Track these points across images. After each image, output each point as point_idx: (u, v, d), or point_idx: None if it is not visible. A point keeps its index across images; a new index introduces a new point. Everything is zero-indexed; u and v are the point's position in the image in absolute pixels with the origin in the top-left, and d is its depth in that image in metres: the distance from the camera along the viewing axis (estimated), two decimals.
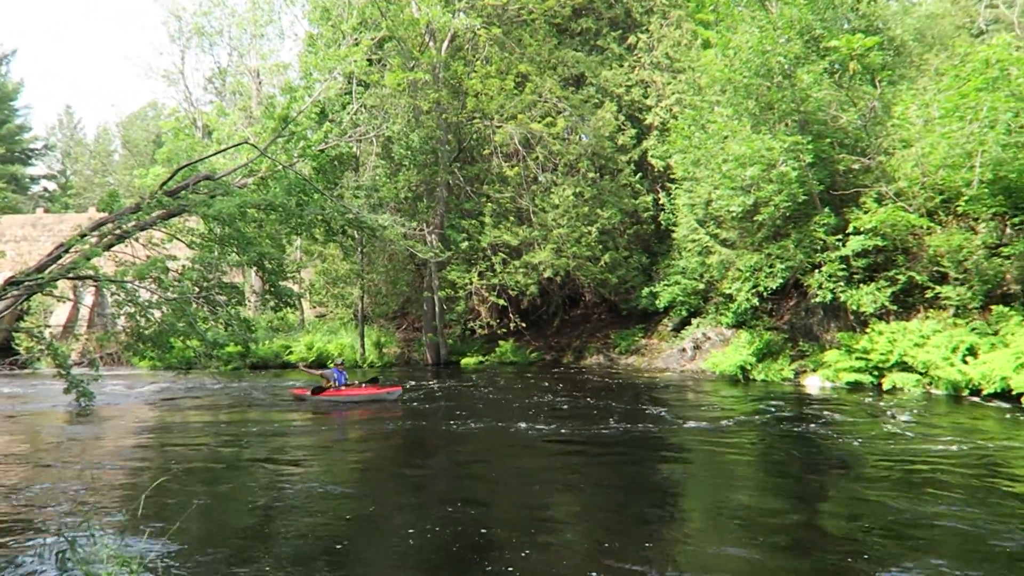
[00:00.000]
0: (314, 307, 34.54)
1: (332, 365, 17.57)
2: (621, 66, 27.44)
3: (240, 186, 17.48)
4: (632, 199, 26.21)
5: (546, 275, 24.87)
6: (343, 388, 16.55)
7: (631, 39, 27.51)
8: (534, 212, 25.38)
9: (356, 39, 24.51)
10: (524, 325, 26.28)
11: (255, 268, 17.52)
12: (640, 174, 26.83)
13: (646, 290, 25.28)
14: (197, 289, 15.35)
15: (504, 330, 26.42)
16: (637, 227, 27.04)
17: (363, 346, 26.94)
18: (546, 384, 19.38)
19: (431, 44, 25.40)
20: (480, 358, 27.52)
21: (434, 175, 25.93)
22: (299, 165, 19.02)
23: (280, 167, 17.69)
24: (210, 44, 37.59)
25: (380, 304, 29.34)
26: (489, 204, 25.53)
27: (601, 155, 26.10)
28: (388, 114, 24.49)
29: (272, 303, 18.09)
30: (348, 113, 23.91)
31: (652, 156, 26.12)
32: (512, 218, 25.64)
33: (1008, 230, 15.48)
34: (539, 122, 24.78)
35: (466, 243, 25.06)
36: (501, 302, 25.25)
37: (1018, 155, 14.83)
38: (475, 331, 26.71)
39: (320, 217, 18.05)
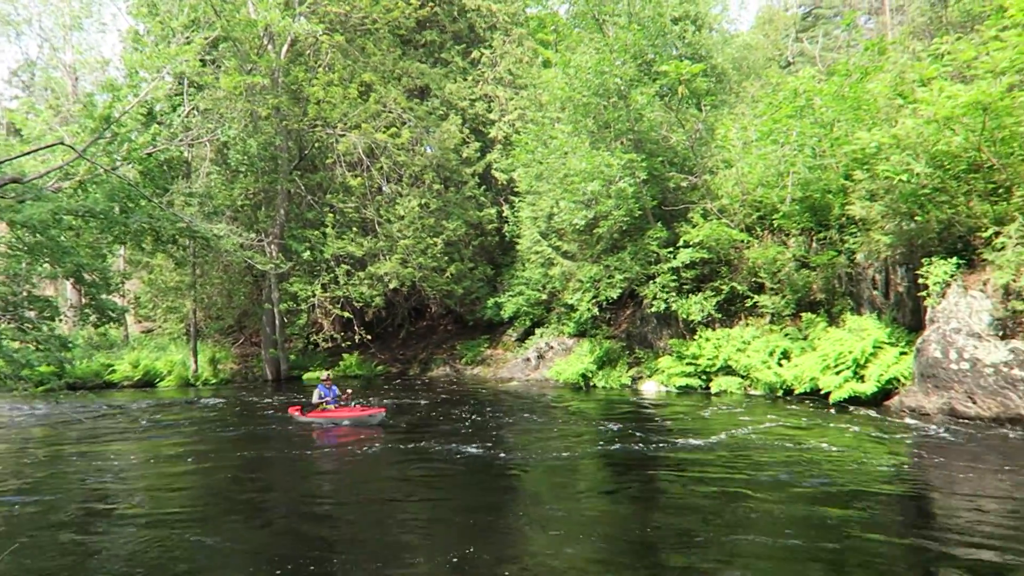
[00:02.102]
0: (140, 321, 32.23)
1: (320, 381, 15.59)
2: (465, 80, 27.83)
3: (54, 190, 16.00)
4: (477, 211, 26.57)
5: (391, 286, 24.64)
6: (331, 408, 14.80)
7: (475, 54, 27.99)
8: (379, 223, 25.08)
9: (188, 37, 23.20)
10: (369, 337, 25.89)
11: (72, 280, 16.06)
12: (484, 187, 27.28)
13: (491, 301, 25.70)
14: (2, 303, 13.92)
15: (348, 343, 25.89)
16: (482, 239, 27.43)
17: (196, 362, 25.40)
18: (392, 397, 19.16)
19: (270, 48, 24.52)
20: (324, 372, 26.73)
21: (274, 183, 24.99)
22: (123, 169, 17.66)
23: (101, 171, 16.37)
24: (17, 34, 34.15)
25: (215, 318, 27.81)
26: (332, 214, 24.95)
27: (446, 167, 26.27)
28: (223, 118, 23.33)
29: (92, 318, 16.61)
30: (179, 115, 22.55)
31: (496, 169, 26.66)
32: (356, 229, 25.19)
33: (814, 244, 17.13)
34: (384, 132, 24.57)
35: (308, 254, 24.31)
36: (345, 314, 24.72)
37: (821, 176, 16.49)
38: (318, 345, 25.96)
39: (148, 225, 16.89)
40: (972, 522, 6.60)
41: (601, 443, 11.46)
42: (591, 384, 19.88)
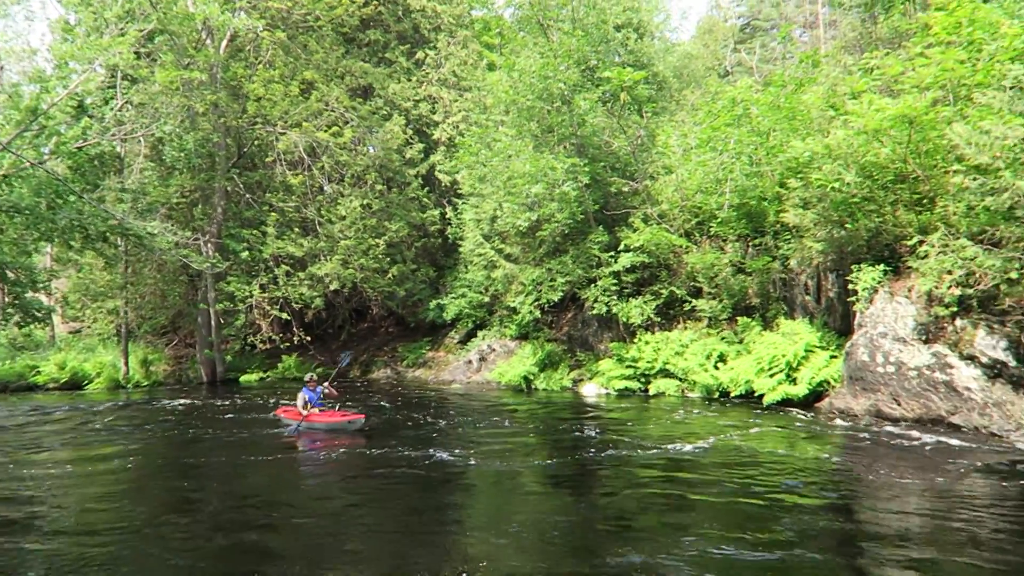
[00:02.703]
0: (67, 321, 31.06)
1: (304, 383, 14.34)
2: (409, 80, 27.67)
3: None
4: (420, 212, 26.45)
5: (332, 287, 24.32)
6: (316, 411, 13.88)
7: (419, 54, 27.85)
8: (320, 223, 24.74)
9: (122, 29, 22.46)
10: (309, 339, 25.48)
11: None
12: (428, 188, 27.17)
13: (433, 303, 25.60)
14: None
15: (287, 344, 25.44)
16: (425, 240, 27.31)
17: (127, 364, 24.58)
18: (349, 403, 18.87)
19: (208, 42, 23.94)
20: (261, 374, 26.25)
21: (211, 181, 24.38)
22: (51, 163, 17.07)
23: (27, 164, 15.74)
24: None
25: (147, 318, 26.94)
26: (272, 213, 24.48)
27: (389, 168, 26.06)
28: (159, 113, 22.63)
29: (16, 318, 15.94)
30: (111, 109, 21.82)
31: (439, 171, 26.58)
32: (297, 229, 24.77)
33: (750, 250, 17.57)
34: (325, 131, 24.23)
35: (247, 253, 23.79)
36: (284, 316, 24.27)
37: (757, 184, 16.93)
38: (256, 346, 25.46)
39: (76, 222, 16.30)
40: (894, 526, 6.86)
41: (544, 446, 11.53)
42: (533, 386, 19.99)
